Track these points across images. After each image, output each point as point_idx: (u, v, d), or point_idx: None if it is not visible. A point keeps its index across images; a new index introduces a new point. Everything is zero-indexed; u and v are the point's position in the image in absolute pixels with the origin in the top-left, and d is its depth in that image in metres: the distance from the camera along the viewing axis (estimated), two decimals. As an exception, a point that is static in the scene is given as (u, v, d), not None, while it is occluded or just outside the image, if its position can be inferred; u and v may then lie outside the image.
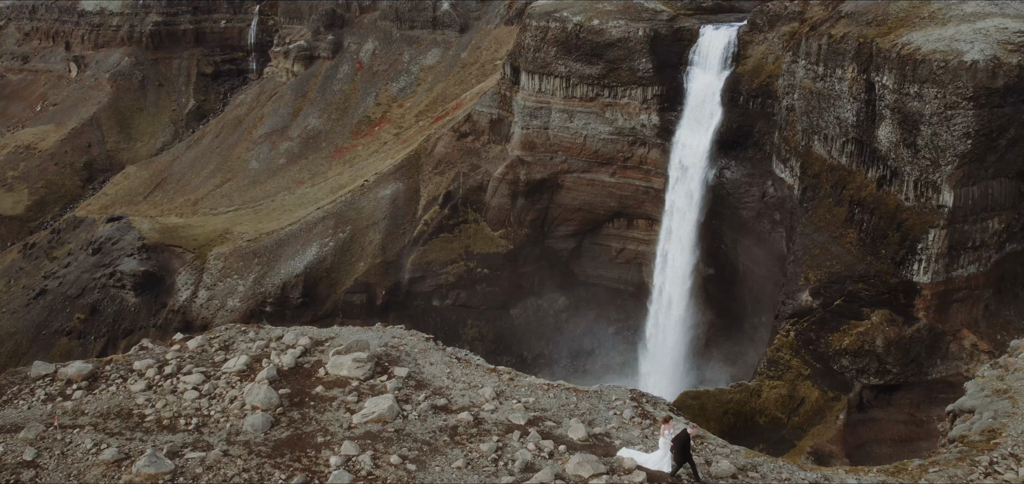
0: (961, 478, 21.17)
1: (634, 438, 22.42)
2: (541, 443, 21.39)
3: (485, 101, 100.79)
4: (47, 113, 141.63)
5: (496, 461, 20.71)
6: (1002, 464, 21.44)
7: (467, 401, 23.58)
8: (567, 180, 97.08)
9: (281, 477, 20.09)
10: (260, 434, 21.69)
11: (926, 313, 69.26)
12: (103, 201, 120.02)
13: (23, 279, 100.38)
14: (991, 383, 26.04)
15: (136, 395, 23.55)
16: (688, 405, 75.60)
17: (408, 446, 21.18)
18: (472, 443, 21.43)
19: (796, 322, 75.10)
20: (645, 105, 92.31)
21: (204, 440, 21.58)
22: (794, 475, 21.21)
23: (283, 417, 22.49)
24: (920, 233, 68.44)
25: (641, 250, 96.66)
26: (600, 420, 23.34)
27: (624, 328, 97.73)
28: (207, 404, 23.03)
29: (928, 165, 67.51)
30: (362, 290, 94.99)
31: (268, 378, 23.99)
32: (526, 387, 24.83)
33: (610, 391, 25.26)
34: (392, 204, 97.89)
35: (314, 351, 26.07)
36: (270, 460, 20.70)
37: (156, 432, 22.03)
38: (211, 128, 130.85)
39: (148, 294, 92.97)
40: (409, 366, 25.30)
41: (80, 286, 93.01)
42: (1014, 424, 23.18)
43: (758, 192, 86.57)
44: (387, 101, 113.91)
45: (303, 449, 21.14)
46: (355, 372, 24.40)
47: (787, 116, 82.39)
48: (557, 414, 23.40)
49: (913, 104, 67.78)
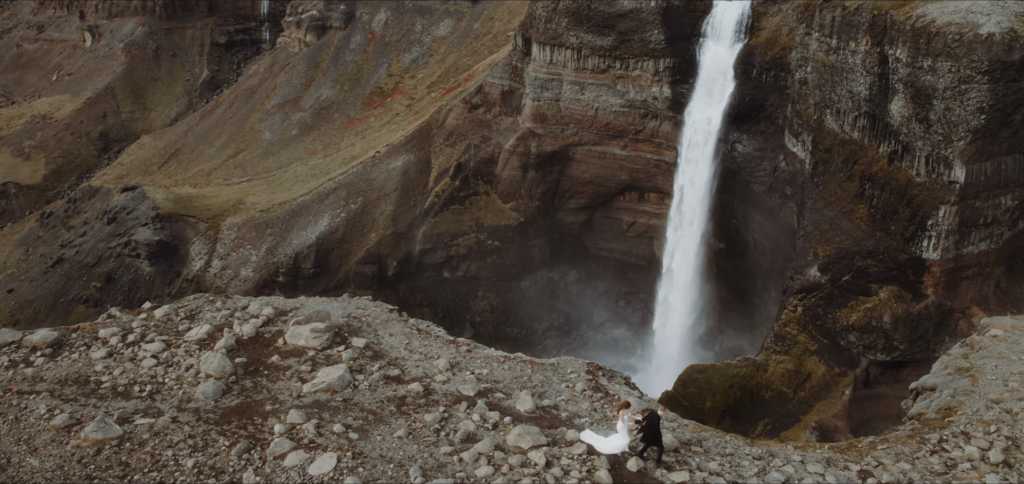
0: (907, 455, 20.92)
1: (582, 411, 22.37)
2: (487, 414, 21.41)
3: (496, 72, 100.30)
4: (63, 83, 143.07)
5: (438, 432, 20.78)
6: (951, 442, 21.16)
7: (420, 372, 23.64)
8: (578, 153, 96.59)
9: (225, 444, 20.32)
10: (210, 402, 21.93)
11: (935, 290, 68.43)
12: (118, 171, 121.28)
13: (41, 247, 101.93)
14: (955, 361, 25.64)
15: (96, 362, 23.89)
16: (694, 379, 75.67)
17: (354, 415, 21.30)
18: (418, 413, 21.52)
19: (804, 297, 74.51)
20: (657, 77, 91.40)
21: (155, 407, 21.86)
22: (739, 449, 21.08)
23: (235, 385, 22.71)
24: (930, 209, 67.57)
25: (652, 223, 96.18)
26: (551, 393, 23.30)
27: (634, 301, 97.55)
28: (163, 372, 23.31)
29: (940, 140, 66.43)
30: (373, 261, 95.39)
31: (225, 347, 24.21)
32: (482, 359, 24.84)
33: (566, 364, 25.19)
34: (403, 176, 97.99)
35: (277, 321, 26.25)
36: (217, 427, 20.93)
37: (110, 399, 22.34)
38: (224, 98, 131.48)
39: (163, 263, 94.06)
40: (368, 337, 25.40)
41: (96, 255, 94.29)
42: (970, 402, 22.83)
43: (769, 166, 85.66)
44: (399, 72, 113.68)
45: (250, 417, 21.34)
46: (312, 342, 24.53)
47: (800, 89, 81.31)
48: (509, 386, 23.39)
49: (926, 78, 66.70)
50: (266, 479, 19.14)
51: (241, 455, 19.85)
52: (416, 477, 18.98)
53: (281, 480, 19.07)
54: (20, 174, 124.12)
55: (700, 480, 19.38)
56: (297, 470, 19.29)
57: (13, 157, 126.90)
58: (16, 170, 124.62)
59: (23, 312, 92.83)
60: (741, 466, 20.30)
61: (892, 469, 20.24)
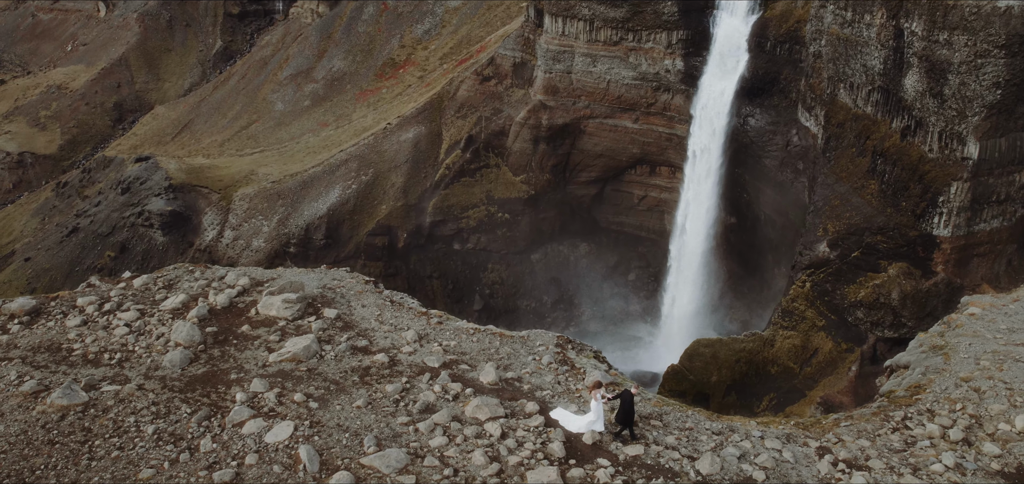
0: (869, 432, 20.69)
1: (545, 384, 22.31)
2: (449, 386, 21.42)
3: (508, 44, 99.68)
4: (78, 52, 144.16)
5: (398, 402, 20.83)
6: (915, 419, 20.89)
7: (388, 343, 23.68)
8: (589, 125, 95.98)
9: (187, 411, 20.50)
10: (177, 370, 22.12)
11: (945, 267, 67.61)
12: (132, 141, 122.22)
13: (57, 217, 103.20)
14: (931, 339, 25.27)
15: (70, 330, 24.15)
16: (700, 353, 75.52)
17: (316, 385, 21.40)
18: (380, 384, 21.58)
19: (812, 273, 73.91)
20: (670, 50, 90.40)
21: (123, 374, 22.08)
22: (699, 424, 20.93)
23: (203, 354, 22.88)
24: (942, 186, 66.67)
25: (663, 198, 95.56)
26: (516, 365, 23.25)
27: (644, 275, 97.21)
28: (134, 340, 23.52)
29: (954, 115, 65.37)
30: (384, 233, 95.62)
31: (198, 316, 24.38)
32: (451, 331, 24.82)
33: (536, 336, 25.11)
34: (414, 147, 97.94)
35: (252, 291, 26.39)
36: (181, 395, 21.12)
37: (80, 366, 22.59)
38: (237, 69, 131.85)
39: (175, 233, 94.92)
40: (340, 308, 25.46)
41: (110, 224, 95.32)
42: (940, 381, 22.49)
43: (782, 141, 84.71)
44: (412, 43, 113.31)
45: (214, 386, 21.50)
46: (284, 312, 24.64)
47: (814, 63, 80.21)
48: (475, 358, 23.37)
49: (942, 52, 65.59)
50: (223, 446, 19.30)
51: (201, 422, 20.03)
52: (370, 446, 19.05)
53: (237, 447, 19.22)
54: (36, 144, 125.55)
55: (655, 454, 19.29)
56: (254, 438, 19.43)
57: (29, 127, 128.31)
58: (32, 140, 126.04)
59: (40, 280, 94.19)
60: (698, 441, 20.17)
61: (851, 445, 20.02)
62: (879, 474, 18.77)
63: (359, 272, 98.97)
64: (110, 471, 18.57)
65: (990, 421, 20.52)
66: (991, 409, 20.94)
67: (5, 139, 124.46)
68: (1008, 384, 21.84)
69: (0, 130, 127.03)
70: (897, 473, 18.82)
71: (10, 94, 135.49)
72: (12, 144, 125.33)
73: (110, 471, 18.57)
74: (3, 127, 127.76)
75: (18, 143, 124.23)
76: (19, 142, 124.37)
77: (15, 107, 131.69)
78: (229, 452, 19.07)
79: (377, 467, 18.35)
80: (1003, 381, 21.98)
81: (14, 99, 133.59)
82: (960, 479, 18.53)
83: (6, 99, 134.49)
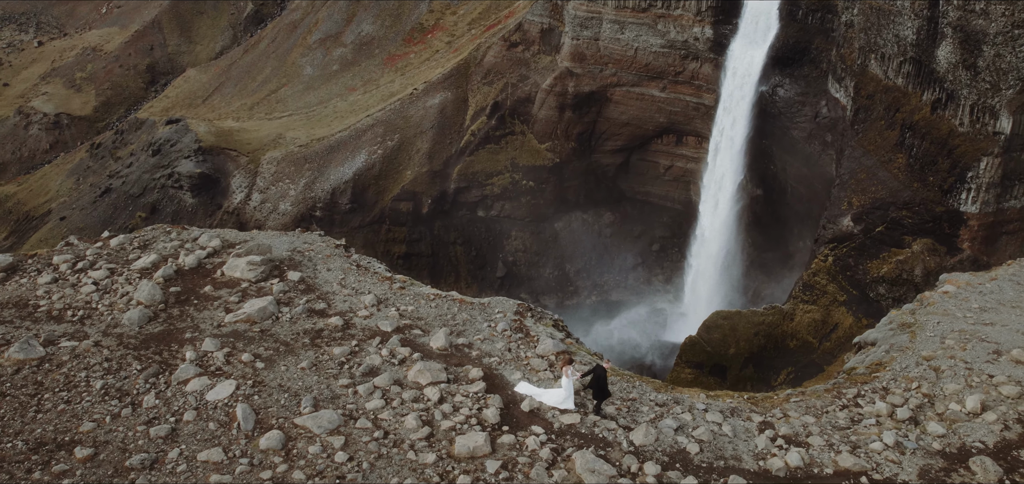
0: (817, 409, 20.17)
1: (495, 351, 22.17)
2: (397, 350, 21.40)
3: (536, 10, 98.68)
4: (112, 15, 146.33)
5: (343, 365, 20.87)
6: (868, 397, 20.31)
7: (346, 307, 23.71)
8: (616, 93, 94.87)
9: (138, 367, 20.78)
10: (135, 328, 22.40)
11: (971, 244, 65.80)
12: (164, 103, 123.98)
13: (91, 177, 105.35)
14: (902, 316, 24.52)
15: (40, 287, 24.52)
16: (718, 325, 74.79)
17: (266, 346, 21.53)
18: (329, 346, 21.64)
19: (835, 247, 72.52)
20: (699, 17, 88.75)
21: (83, 331, 22.42)
22: (644, 395, 20.62)
23: (163, 313, 23.13)
24: (971, 161, 64.79)
25: (689, 167, 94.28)
26: (470, 331, 23.13)
27: (668, 245, 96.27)
28: (98, 298, 23.85)
29: (987, 88, 63.35)
30: (408, 198, 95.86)
31: (164, 276, 24.63)
32: (412, 296, 24.75)
33: (496, 303, 24.93)
34: (440, 113, 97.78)
35: (222, 253, 26.58)
36: (134, 352, 21.39)
37: (44, 321, 22.96)
38: (268, 32, 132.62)
39: (204, 195, 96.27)
40: (305, 271, 25.54)
41: (141, 186, 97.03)
42: (902, 359, 21.83)
43: (811, 112, 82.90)
44: (440, 8, 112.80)
45: (168, 344, 21.75)
46: (247, 274, 24.80)
47: (846, 33, 78.18)
48: (430, 323, 23.29)
49: (978, 22, 63.51)
50: (165, 402, 19.55)
51: (148, 379, 20.30)
52: (306, 407, 19.15)
53: (178, 404, 19.46)
54: (72, 105, 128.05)
55: (590, 423, 19.07)
56: (195, 395, 19.65)
57: (66, 88, 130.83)
58: (68, 101, 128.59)
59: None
60: (639, 412, 19.87)
61: (795, 421, 19.55)
62: (817, 451, 18.32)
63: (384, 237, 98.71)
64: (54, 424, 18.94)
65: (942, 401, 19.87)
66: (946, 389, 20.26)
67: (42, 100, 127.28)
68: (968, 364, 21.10)
69: (38, 91, 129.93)
70: (836, 450, 18.35)
71: (47, 56, 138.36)
72: (49, 105, 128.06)
73: (54, 424, 18.94)
74: (41, 88, 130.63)
75: (55, 104, 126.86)
76: (55, 103, 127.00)
77: (52, 69, 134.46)
78: (170, 408, 19.32)
79: (309, 427, 18.45)
80: (964, 361, 21.25)
81: (51, 61, 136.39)
82: (898, 458, 17.99)
83: (43, 61, 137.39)
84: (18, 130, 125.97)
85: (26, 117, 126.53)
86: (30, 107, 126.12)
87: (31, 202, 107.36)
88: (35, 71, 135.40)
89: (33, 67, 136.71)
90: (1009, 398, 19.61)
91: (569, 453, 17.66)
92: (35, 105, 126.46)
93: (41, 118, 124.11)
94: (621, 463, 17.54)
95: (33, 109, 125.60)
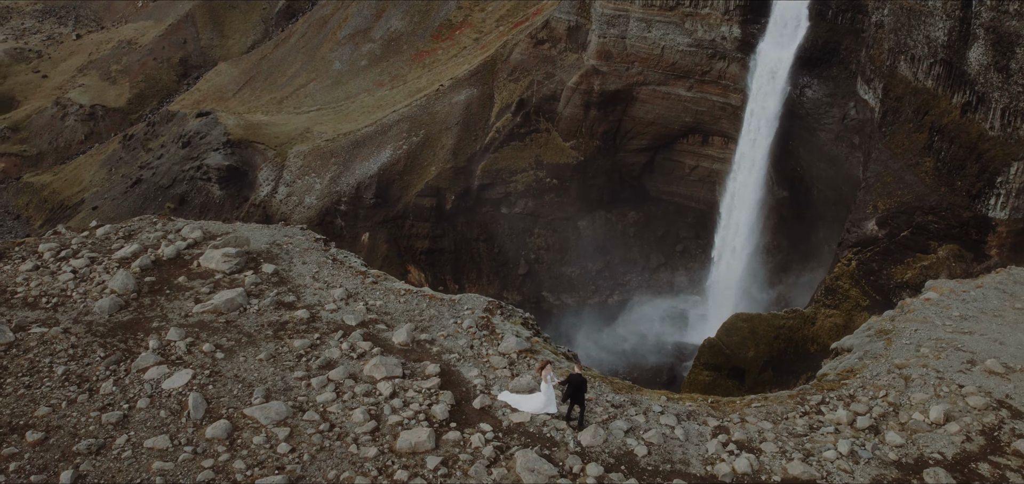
0: (776, 415, 19.61)
1: (458, 347, 21.96)
2: (358, 344, 21.32)
3: (563, 7, 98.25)
4: (147, 9, 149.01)
5: (301, 358, 20.84)
6: (831, 405, 19.70)
7: (315, 300, 23.70)
8: (642, 92, 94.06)
9: (101, 355, 20.96)
10: (105, 316, 22.61)
11: (999, 252, 64.00)
12: (196, 97, 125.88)
13: (123, 168, 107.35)
14: (880, 323, 23.79)
15: (20, 274, 24.85)
16: (738, 327, 73.82)
17: (228, 337, 21.58)
18: (291, 339, 21.61)
19: (859, 251, 71.12)
20: (727, 16, 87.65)
21: (55, 317, 22.67)
22: (602, 395, 20.24)
23: (134, 302, 23.32)
24: (1002, 165, 63.06)
25: (715, 168, 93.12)
26: (435, 327, 22.95)
27: (692, 246, 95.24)
28: (74, 286, 24.11)
29: (1020, 91, 61.69)
30: (432, 194, 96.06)
31: (140, 266, 24.83)
32: (382, 291, 24.65)
33: (466, 300, 24.71)
34: (466, 110, 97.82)
35: (203, 244, 26.74)
36: (100, 340, 21.58)
37: (19, 308, 23.26)
38: (298, 27, 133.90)
39: (232, 188, 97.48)
40: (281, 264, 25.58)
41: (171, 177, 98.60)
42: (874, 366, 21.14)
43: (839, 113, 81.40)
44: (469, 4, 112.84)
45: (134, 333, 21.91)
46: (222, 266, 24.92)
47: (875, 33, 76.62)
48: (396, 319, 23.17)
49: (1011, 23, 61.88)
50: (122, 389, 19.69)
51: (110, 366, 20.47)
52: (257, 398, 19.15)
53: (134, 391, 19.58)
54: (107, 97, 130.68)
55: (540, 422, 18.78)
56: (151, 383, 19.77)
57: (101, 80, 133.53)
58: (103, 93, 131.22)
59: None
60: (594, 413, 19.52)
61: (750, 427, 19.03)
62: (768, 458, 17.80)
63: (407, 233, 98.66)
64: (11, 408, 19.16)
65: (907, 410, 19.19)
66: (913, 398, 19.57)
67: (79, 92, 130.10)
68: (940, 373, 20.37)
69: (75, 83, 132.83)
70: (788, 457, 17.81)
71: (85, 49, 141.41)
72: (85, 97, 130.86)
73: (11, 408, 19.16)
74: (78, 80, 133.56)
75: (90, 96, 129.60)
76: (91, 95, 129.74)
77: (89, 61, 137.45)
78: (125, 395, 19.45)
79: (257, 418, 18.45)
80: (936, 370, 20.52)
81: (88, 54, 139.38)
82: (851, 467, 17.39)
83: (81, 53, 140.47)
84: (55, 121, 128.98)
85: (63, 108, 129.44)
86: (67, 99, 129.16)
87: (65, 191, 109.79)
88: (73, 64, 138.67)
89: (71, 60, 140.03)
90: (975, 409, 18.87)
91: (512, 452, 17.43)
92: (72, 97, 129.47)
93: (77, 110, 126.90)
94: (564, 463, 17.25)
95: (70, 101, 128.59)
